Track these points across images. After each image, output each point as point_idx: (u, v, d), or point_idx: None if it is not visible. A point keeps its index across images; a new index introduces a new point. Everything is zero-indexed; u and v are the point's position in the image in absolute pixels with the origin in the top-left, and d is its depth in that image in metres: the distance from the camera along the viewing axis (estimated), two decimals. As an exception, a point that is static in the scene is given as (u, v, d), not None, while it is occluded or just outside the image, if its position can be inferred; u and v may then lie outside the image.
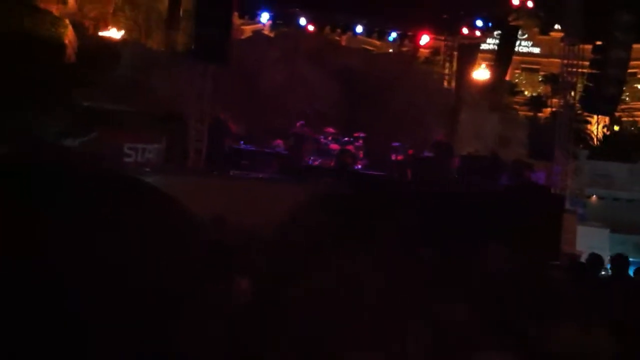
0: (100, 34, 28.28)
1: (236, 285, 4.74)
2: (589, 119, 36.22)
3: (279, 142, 18.18)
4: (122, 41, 26.50)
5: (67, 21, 25.44)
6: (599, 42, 18.35)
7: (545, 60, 45.76)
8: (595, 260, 7.58)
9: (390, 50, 29.77)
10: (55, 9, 26.21)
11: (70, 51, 25.88)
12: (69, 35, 25.53)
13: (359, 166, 18.25)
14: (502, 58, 22.66)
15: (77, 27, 27.07)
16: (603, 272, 9.54)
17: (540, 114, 41.46)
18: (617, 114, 34.33)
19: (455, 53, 23.22)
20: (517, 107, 39.82)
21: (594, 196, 25.08)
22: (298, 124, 18.45)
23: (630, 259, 7.64)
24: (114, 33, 28.14)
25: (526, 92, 46.11)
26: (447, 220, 13.47)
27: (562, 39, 20.32)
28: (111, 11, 29.63)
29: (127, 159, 17.00)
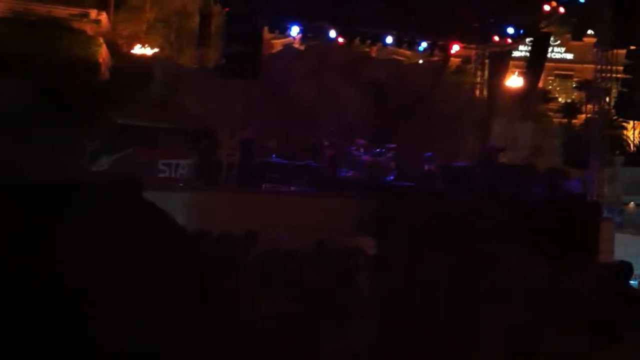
0: (133, 51, 28.74)
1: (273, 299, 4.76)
2: (624, 124, 35.62)
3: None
4: (155, 59, 26.89)
5: (101, 40, 25.91)
6: (632, 47, 18.11)
7: (579, 66, 45.17)
8: (624, 267, 7.43)
9: (421, 61, 29.68)
10: (89, 29, 26.72)
11: (104, 69, 26.33)
12: (103, 53, 25.98)
13: (391, 177, 18.22)
14: (535, 65, 22.41)
15: (111, 45, 27.56)
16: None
17: (574, 121, 40.91)
18: (653, 119, 33.74)
19: (487, 61, 23.05)
20: (550, 114, 39.32)
21: (632, 203, 24.62)
22: (328, 131, 18.51)
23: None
24: (146, 51, 28.58)
25: (560, 99, 45.51)
26: (480, 229, 13.37)
27: (595, 45, 20.08)
28: (144, 29, 30.11)
29: (161, 175, 17.24)
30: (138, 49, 28.49)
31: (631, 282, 8.53)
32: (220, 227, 10.82)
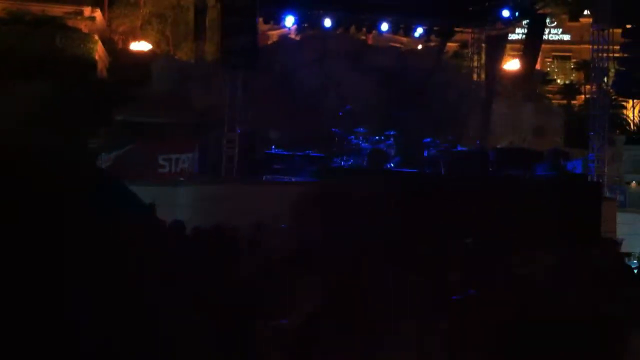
0: (130, 47, 28.72)
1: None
2: (624, 103, 35.57)
3: None
4: (152, 54, 26.88)
5: (97, 37, 25.85)
6: (629, 26, 18.07)
7: (577, 47, 45.13)
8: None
9: (419, 47, 29.61)
10: (83, 26, 26.67)
11: (102, 67, 26.29)
12: (99, 51, 25.93)
13: (391, 164, 18.20)
14: (531, 47, 22.34)
15: (107, 42, 27.51)
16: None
17: (574, 102, 40.88)
18: (653, 96, 33.61)
19: (484, 45, 22.96)
20: (550, 95, 39.28)
21: (634, 182, 24.62)
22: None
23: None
24: (143, 46, 28.54)
25: (559, 80, 45.48)
26: (483, 211, 13.44)
27: (592, 25, 20.03)
28: (139, 25, 30.05)
29: (161, 170, 17.22)
30: (135, 45, 28.46)
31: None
32: (219, 220, 10.84)
